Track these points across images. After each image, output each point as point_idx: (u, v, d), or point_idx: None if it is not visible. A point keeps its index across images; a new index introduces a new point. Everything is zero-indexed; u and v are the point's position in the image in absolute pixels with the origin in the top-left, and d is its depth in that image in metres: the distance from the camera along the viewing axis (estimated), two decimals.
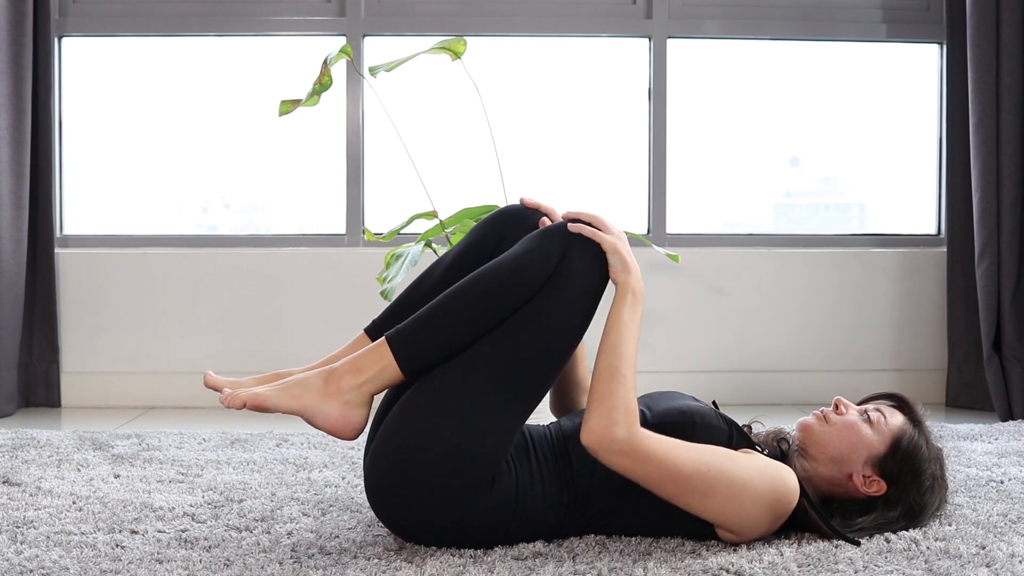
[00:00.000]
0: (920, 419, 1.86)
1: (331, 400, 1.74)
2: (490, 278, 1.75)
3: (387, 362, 1.73)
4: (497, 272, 1.75)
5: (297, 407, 1.73)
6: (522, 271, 1.74)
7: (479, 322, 1.73)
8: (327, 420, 1.74)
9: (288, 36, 3.58)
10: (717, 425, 1.80)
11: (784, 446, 1.84)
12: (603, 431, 1.67)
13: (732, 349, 3.51)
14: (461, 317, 1.73)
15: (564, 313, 1.73)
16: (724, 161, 3.69)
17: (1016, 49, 3.19)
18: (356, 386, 1.74)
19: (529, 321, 1.73)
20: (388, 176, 3.55)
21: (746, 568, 1.62)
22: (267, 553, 1.72)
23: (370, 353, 1.75)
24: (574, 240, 1.76)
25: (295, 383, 1.75)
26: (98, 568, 1.64)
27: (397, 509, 1.73)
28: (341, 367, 1.75)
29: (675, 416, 1.80)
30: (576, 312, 1.74)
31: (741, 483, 1.70)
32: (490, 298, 1.73)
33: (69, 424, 3.09)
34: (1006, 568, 1.63)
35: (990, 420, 3.12)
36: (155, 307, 3.45)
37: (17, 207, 3.26)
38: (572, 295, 1.74)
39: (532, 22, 3.55)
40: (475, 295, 1.74)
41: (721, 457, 1.71)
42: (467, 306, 1.74)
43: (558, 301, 1.73)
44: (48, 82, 3.35)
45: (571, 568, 1.64)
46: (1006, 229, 3.21)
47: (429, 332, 1.74)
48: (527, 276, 1.73)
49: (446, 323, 1.73)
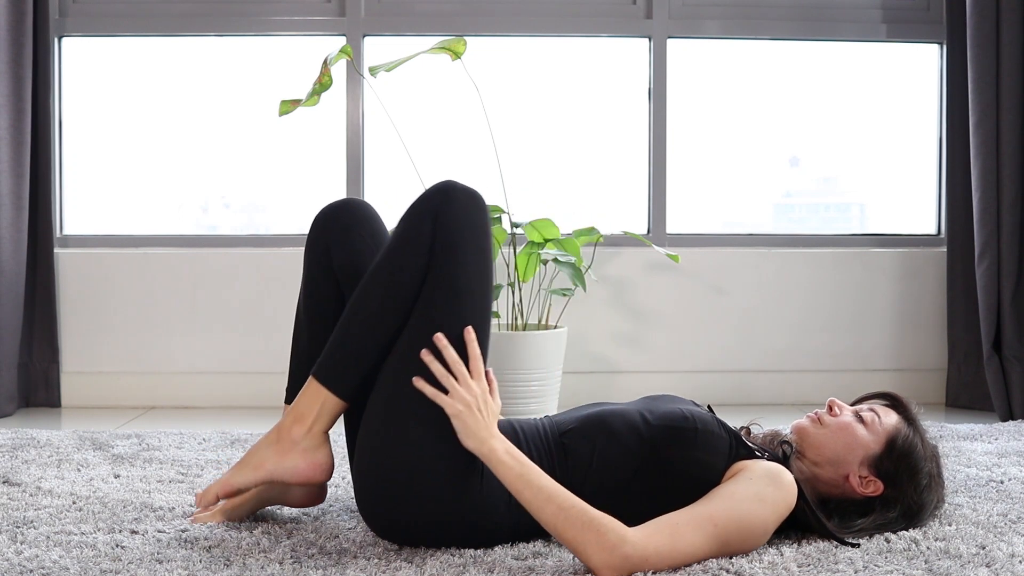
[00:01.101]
0: (914, 417, 1.86)
1: (290, 454, 1.78)
2: (377, 283, 1.75)
3: (323, 396, 1.77)
4: (380, 273, 1.75)
5: (263, 475, 1.79)
6: (402, 264, 1.73)
7: (388, 323, 1.74)
8: (295, 473, 1.78)
9: (288, 36, 3.58)
10: (718, 433, 1.78)
11: (787, 449, 1.82)
12: (612, 562, 1.56)
13: (732, 349, 3.51)
14: (370, 325, 1.75)
15: (462, 276, 1.73)
16: (724, 161, 3.69)
17: (1016, 49, 3.19)
18: (306, 431, 1.78)
19: (435, 298, 1.73)
20: (388, 176, 3.55)
21: (746, 568, 1.62)
22: (267, 553, 1.72)
23: (305, 396, 1.78)
24: (440, 209, 1.73)
25: (250, 455, 1.81)
26: (98, 568, 1.64)
27: (395, 520, 1.73)
28: (286, 421, 1.80)
29: (678, 420, 1.78)
30: (474, 270, 1.74)
31: (748, 523, 1.67)
32: (387, 299, 1.74)
33: (69, 424, 3.09)
34: (1006, 568, 1.63)
35: (990, 420, 3.12)
36: (155, 307, 3.45)
37: (17, 207, 3.26)
38: (461, 259, 1.73)
39: (532, 22, 3.55)
40: (372, 303, 1.75)
41: (722, 507, 1.66)
42: (370, 312, 1.75)
43: (452, 268, 1.72)
44: (48, 82, 3.35)
45: (571, 568, 1.64)
46: (1006, 229, 3.21)
47: (347, 351, 1.76)
48: (409, 264, 1.73)
49: (359, 336, 1.75)
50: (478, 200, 1.77)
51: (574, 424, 1.82)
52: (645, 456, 1.76)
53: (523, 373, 2.93)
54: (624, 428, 1.78)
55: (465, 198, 1.75)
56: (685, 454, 1.75)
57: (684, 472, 1.75)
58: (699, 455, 1.75)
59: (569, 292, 3.06)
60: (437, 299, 1.73)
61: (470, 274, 1.74)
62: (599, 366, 3.47)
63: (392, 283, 1.74)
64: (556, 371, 3.02)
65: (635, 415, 1.80)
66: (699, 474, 1.74)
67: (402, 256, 1.75)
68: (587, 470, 1.77)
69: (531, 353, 2.93)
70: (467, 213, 1.74)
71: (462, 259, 1.73)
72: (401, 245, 1.75)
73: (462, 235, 1.73)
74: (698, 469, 1.75)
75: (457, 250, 1.73)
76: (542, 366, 2.96)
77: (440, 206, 1.74)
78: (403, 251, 1.75)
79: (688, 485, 1.73)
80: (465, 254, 1.73)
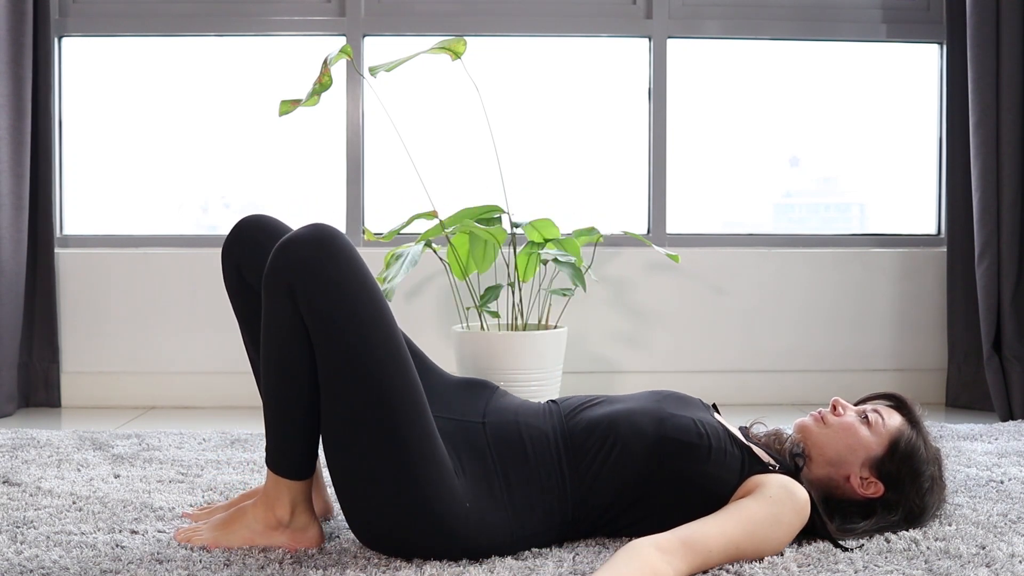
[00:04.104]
0: (918, 420, 1.86)
1: (277, 532, 1.77)
2: (270, 367, 1.71)
3: (284, 483, 1.76)
4: (268, 357, 1.71)
5: (249, 543, 1.77)
6: (279, 343, 1.68)
7: (301, 398, 1.70)
8: (284, 546, 1.77)
9: (288, 36, 3.58)
10: (730, 451, 1.76)
11: (799, 461, 1.81)
12: None
13: (732, 349, 3.51)
14: (283, 409, 1.72)
15: (345, 316, 1.64)
16: (724, 161, 3.69)
17: (1016, 49, 3.19)
18: (290, 514, 1.76)
19: (331, 347, 1.65)
20: (388, 176, 3.55)
21: (746, 568, 1.62)
22: (267, 553, 1.73)
23: (269, 483, 1.77)
24: (293, 284, 1.64)
25: (238, 518, 1.80)
26: (98, 568, 1.64)
27: (400, 547, 1.70)
28: (261, 506, 1.78)
29: (692, 436, 1.75)
30: (350, 305, 1.65)
31: (765, 546, 1.68)
32: (283, 380, 1.70)
33: (69, 424, 3.09)
34: (1006, 568, 1.63)
35: (990, 420, 3.12)
36: (155, 307, 3.45)
37: (17, 207, 3.26)
38: (332, 302, 1.64)
39: (532, 22, 3.55)
40: (273, 387, 1.72)
41: (745, 532, 1.66)
42: (279, 397, 1.72)
43: (330, 314, 1.64)
44: (48, 82, 3.35)
45: (571, 568, 1.64)
46: (1006, 229, 3.21)
47: (279, 435, 1.74)
48: (289, 337, 1.67)
49: (281, 421, 1.73)
50: (317, 241, 1.65)
51: (584, 430, 1.79)
52: (654, 467, 1.74)
53: (523, 373, 2.93)
54: (634, 436, 1.75)
55: (305, 250, 1.64)
56: (697, 468, 1.74)
57: (695, 484, 1.74)
58: (711, 470, 1.74)
59: (569, 292, 3.06)
60: (332, 355, 1.66)
61: (344, 313, 1.64)
62: (599, 366, 3.47)
63: (281, 361, 1.69)
64: (556, 371, 3.02)
65: (646, 422, 1.77)
66: (710, 487, 1.74)
67: (277, 335, 1.69)
68: (596, 476, 1.75)
69: (531, 353, 2.93)
70: (315, 270, 1.64)
71: (328, 309, 1.64)
72: (270, 323, 1.70)
73: (322, 295, 1.63)
74: (709, 483, 1.74)
75: (322, 311, 1.64)
76: (542, 366, 2.96)
77: (289, 279, 1.64)
78: (275, 330, 1.69)
79: (700, 496, 1.73)
80: (331, 305, 1.64)
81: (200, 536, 1.79)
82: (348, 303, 1.65)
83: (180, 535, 1.80)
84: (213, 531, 1.80)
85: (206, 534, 1.79)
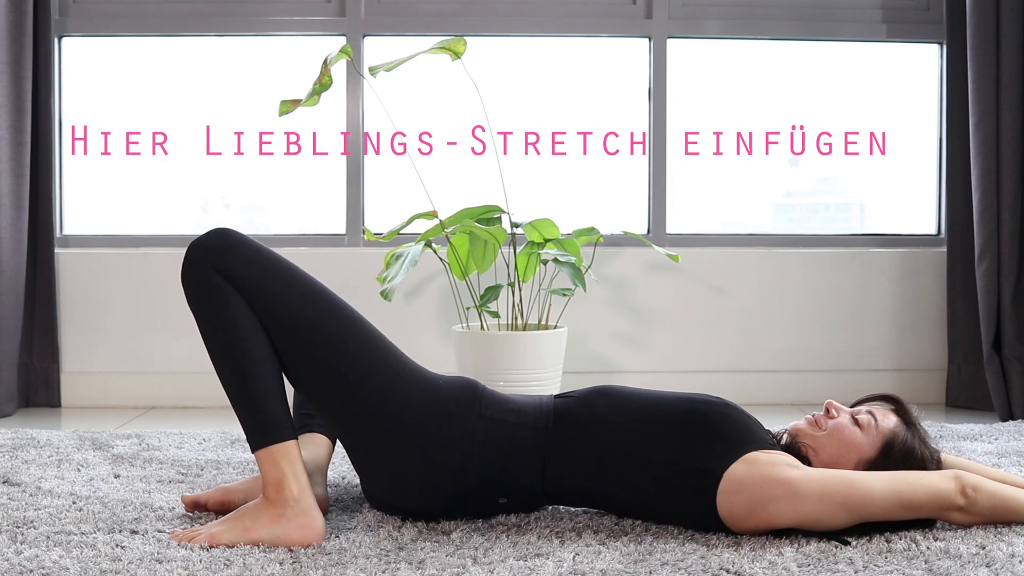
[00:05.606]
0: (914, 421, 1.86)
1: (282, 521, 1.78)
2: (217, 350, 1.83)
3: (278, 453, 1.80)
4: (213, 342, 1.83)
5: (252, 539, 1.77)
6: (219, 323, 1.82)
7: (255, 361, 1.81)
8: (287, 539, 1.78)
9: (288, 36, 3.58)
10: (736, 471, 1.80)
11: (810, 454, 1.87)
12: None
13: (731, 349, 3.51)
14: (245, 378, 1.82)
15: (279, 288, 1.83)
16: (724, 161, 3.69)
17: (1016, 49, 3.19)
18: (299, 489, 1.79)
19: (276, 313, 1.82)
20: (388, 176, 3.54)
21: (746, 568, 1.62)
22: (267, 553, 1.73)
23: (264, 467, 1.81)
24: (214, 257, 1.84)
25: (241, 515, 1.81)
26: (98, 568, 1.64)
27: (408, 499, 1.83)
28: (269, 490, 1.80)
29: (694, 476, 1.80)
30: (266, 256, 1.85)
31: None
32: (232, 352, 1.82)
33: (69, 424, 3.10)
34: (1006, 568, 1.63)
35: (990, 420, 3.13)
36: (155, 307, 3.45)
37: (17, 207, 3.26)
38: (246, 260, 1.83)
39: (532, 22, 3.55)
40: (226, 371, 1.83)
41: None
42: (235, 384, 1.83)
43: (265, 289, 1.82)
44: (48, 82, 3.35)
45: (571, 568, 1.64)
46: (1006, 229, 3.21)
47: (256, 406, 1.83)
48: (226, 315, 1.82)
49: (251, 389, 1.82)
50: (221, 231, 1.87)
51: (577, 400, 1.90)
52: (663, 478, 1.82)
53: (523, 373, 2.93)
54: (655, 406, 1.86)
55: (212, 239, 1.85)
56: (698, 498, 1.79)
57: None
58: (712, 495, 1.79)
59: (569, 292, 3.06)
60: (275, 311, 1.82)
61: (276, 277, 1.83)
62: (599, 366, 3.47)
63: (225, 337, 1.82)
64: (556, 371, 3.02)
65: (674, 398, 1.88)
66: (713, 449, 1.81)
67: (214, 314, 1.83)
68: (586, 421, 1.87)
69: (531, 353, 2.93)
70: (226, 244, 1.84)
71: (255, 272, 1.83)
72: (204, 308, 1.84)
73: (242, 262, 1.83)
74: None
75: (246, 265, 1.83)
76: (542, 366, 2.96)
77: (210, 259, 1.84)
78: (210, 310, 1.83)
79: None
80: (250, 258, 1.84)
81: (197, 537, 1.80)
82: (263, 256, 1.85)
83: (179, 535, 1.80)
84: (213, 529, 1.80)
85: (207, 534, 1.79)
